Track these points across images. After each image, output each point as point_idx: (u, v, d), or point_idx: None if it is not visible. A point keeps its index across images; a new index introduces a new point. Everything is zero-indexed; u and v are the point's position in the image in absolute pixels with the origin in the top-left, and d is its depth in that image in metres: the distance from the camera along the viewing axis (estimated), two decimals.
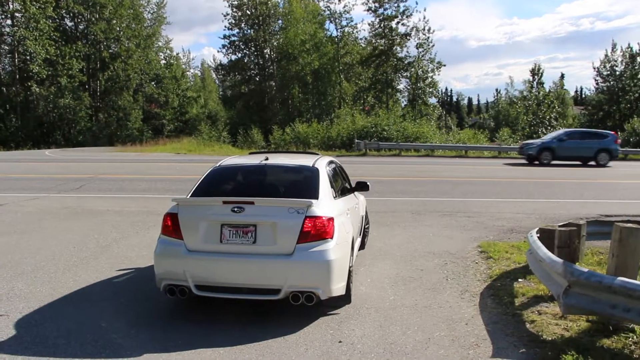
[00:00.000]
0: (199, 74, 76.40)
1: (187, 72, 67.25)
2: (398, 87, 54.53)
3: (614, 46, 70.12)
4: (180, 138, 46.84)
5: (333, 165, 7.51)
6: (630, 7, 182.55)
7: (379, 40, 52.44)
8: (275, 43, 54.37)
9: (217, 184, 6.50)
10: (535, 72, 66.22)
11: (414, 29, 51.18)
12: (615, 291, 4.84)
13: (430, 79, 52.52)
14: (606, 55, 69.84)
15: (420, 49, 51.63)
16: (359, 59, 53.27)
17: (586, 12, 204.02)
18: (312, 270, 5.51)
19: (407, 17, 51.03)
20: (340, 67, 52.38)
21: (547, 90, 68.20)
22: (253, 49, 55.31)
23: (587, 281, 5.02)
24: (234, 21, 53.89)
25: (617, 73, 68.38)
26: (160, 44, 60.32)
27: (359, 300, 6.40)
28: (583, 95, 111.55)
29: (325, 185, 6.28)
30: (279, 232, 5.51)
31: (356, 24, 54.52)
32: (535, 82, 65.91)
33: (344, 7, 51.58)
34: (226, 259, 5.56)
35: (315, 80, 50.85)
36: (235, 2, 52.97)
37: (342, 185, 7.63)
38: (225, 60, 57.93)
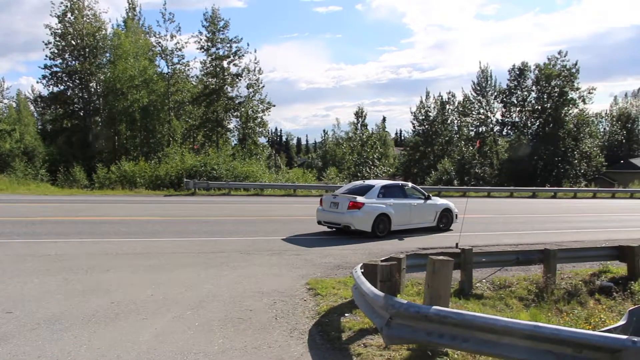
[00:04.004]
0: (14, 105, 70.07)
1: (0, 103, 61.50)
2: (228, 126, 54.54)
3: (427, 94, 77.61)
4: None
5: (391, 186, 16.45)
6: (440, 61, 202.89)
7: (210, 79, 52.28)
8: (102, 77, 51.43)
9: (344, 188, 16.74)
10: (360, 114, 70.45)
11: (245, 69, 51.93)
12: (431, 319, 5.17)
13: (260, 119, 53.24)
14: (421, 102, 76.94)
15: (251, 89, 52.40)
16: (189, 97, 52.62)
17: (404, 63, 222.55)
18: (350, 217, 14.97)
19: (239, 57, 51.56)
20: (171, 105, 51.19)
21: (371, 132, 72.73)
22: (77, 81, 51.77)
23: (407, 312, 5.30)
24: (56, 51, 50.02)
25: (431, 118, 75.20)
26: None
27: (186, 345, 6.14)
28: (402, 137, 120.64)
29: (372, 192, 15.49)
30: (341, 205, 15.17)
31: (188, 61, 53.62)
32: (359, 124, 70.05)
33: (176, 44, 50.81)
34: (331, 213, 15.53)
35: (144, 117, 48.94)
36: (59, 31, 49.43)
37: (397, 194, 16.15)
38: (45, 92, 53.78)
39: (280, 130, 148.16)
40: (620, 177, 61.80)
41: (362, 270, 7.38)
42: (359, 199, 15.10)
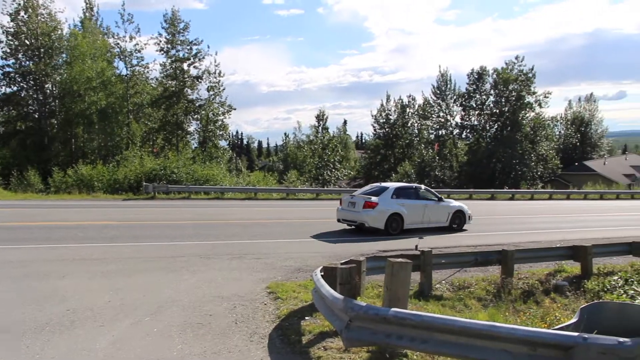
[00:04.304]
0: None
1: None
2: (189, 129, 53.85)
3: (388, 97, 78.27)
4: None
5: (405, 188, 17.95)
6: (401, 64, 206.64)
7: (170, 82, 51.62)
8: (58, 78, 50.04)
9: (362, 190, 18.72)
10: (321, 117, 70.63)
11: (206, 72, 51.45)
12: (389, 321, 5.20)
13: (220, 122, 52.81)
14: (382, 105, 77.52)
15: (211, 92, 51.94)
16: (149, 100, 51.82)
17: (366, 66, 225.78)
18: (365, 216, 16.51)
19: (199, 60, 51.06)
20: (130, 107, 50.32)
21: (332, 135, 72.93)
22: (32, 82, 50.15)
23: (366, 314, 5.32)
24: (9, 50, 48.35)
25: (391, 121, 75.88)
26: None
27: (144, 351, 6.04)
28: (363, 140, 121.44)
29: (387, 194, 16.96)
30: (357, 205, 16.74)
31: (147, 63, 52.83)
32: (320, 127, 70.21)
33: (135, 45, 49.95)
34: (348, 212, 17.21)
35: (102, 119, 47.89)
36: (11, 30, 47.81)
37: (411, 195, 17.56)
38: None
39: (241, 133, 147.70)
40: (574, 179, 63.54)
41: (322, 273, 7.39)
42: (374, 199, 16.72)
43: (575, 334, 4.75)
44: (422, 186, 18.98)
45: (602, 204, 37.42)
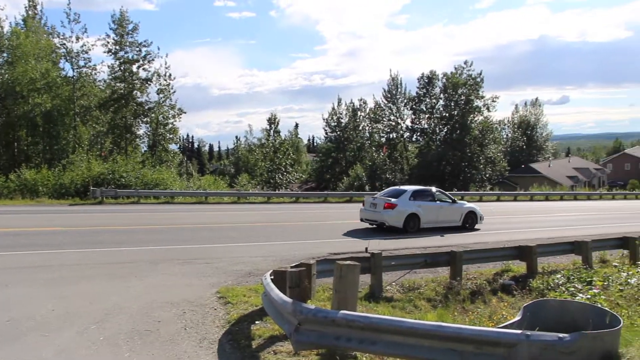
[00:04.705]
0: None
1: None
2: (138, 132, 52.68)
3: (339, 101, 79.15)
4: None
5: (422, 191, 19.49)
6: (353, 68, 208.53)
7: (118, 84, 50.42)
8: None
9: (383, 192, 20.29)
10: (272, 121, 70.60)
11: (156, 74, 50.47)
12: (338, 324, 5.23)
13: (171, 125, 51.93)
14: (333, 108, 78.16)
15: (161, 95, 51.02)
16: (97, 102, 50.49)
17: (317, 69, 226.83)
18: (385, 216, 18.13)
19: (148, 62, 49.93)
20: (76, 110, 48.96)
21: (283, 138, 72.96)
22: None
23: (315, 317, 5.34)
24: None
25: (343, 124, 76.48)
26: None
27: None
28: (315, 144, 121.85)
29: (405, 196, 18.74)
30: (379, 206, 18.32)
31: (95, 65, 51.35)
32: (272, 131, 70.16)
33: (82, 46, 48.47)
34: (370, 212, 18.74)
35: (46, 122, 46.50)
36: None
37: (427, 197, 19.16)
38: None
39: (192, 137, 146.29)
40: (521, 181, 65.34)
41: (272, 277, 7.37)
42: (393, 200, 18.36)
43: (519, 331, 4.90)
44: (434, 189, 20.38)
45: (547, 205, 38.58)
